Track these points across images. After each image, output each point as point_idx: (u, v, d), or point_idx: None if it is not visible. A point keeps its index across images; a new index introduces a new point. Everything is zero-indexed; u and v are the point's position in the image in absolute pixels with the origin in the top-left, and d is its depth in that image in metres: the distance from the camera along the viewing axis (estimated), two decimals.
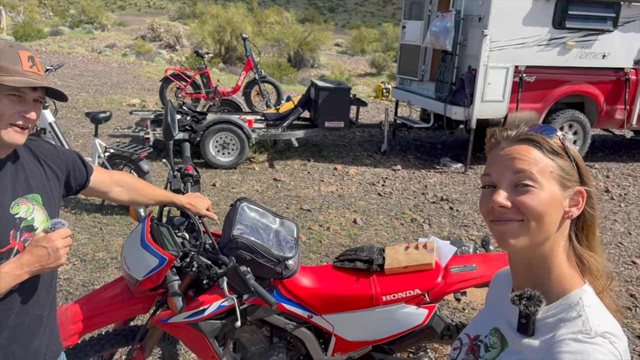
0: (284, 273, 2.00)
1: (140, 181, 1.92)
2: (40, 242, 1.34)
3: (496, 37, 6.39)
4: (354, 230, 4.91)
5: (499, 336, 1.04)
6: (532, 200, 0.95)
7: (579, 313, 0.92)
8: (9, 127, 1.34)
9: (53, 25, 25.86)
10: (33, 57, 1.40)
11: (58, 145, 1.65)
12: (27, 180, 1.46)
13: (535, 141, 0.98)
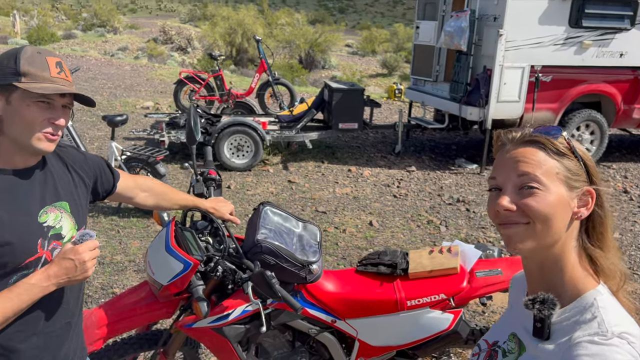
0: (308, 278, 1.98)
1: (165, 186, 1.92)
2: (67, 255, 1.33)
3: (512, 37, 6.33)
4: (370, 233, 4.88)
5: (517, 341, 1.03)
6: (537, 202, 0.94)
7: (594, 314, 0.91)
8: (39, 134, 1.33)
9: (66, 28, 26.11)
10: (61, 63, 1.38)
11: (85, 152, 1.64)
12: (56, 187, 1.46)
13: (539, 143, 0.98)
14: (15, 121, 1.31)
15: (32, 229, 1.36)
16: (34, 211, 1.38)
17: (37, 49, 1.38)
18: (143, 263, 4.06)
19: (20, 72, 1.30)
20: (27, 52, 1.34)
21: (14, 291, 1.27)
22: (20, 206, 1.35)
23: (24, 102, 1.31)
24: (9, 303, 1.25)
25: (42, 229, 1.39)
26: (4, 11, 31.34)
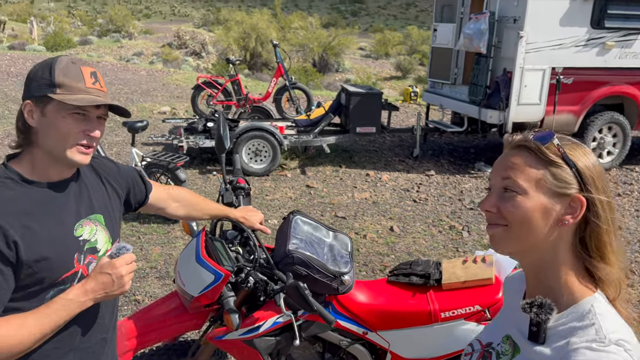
0: (340, 289, 1.94)
1: (196, 195, 1.89)
2: (104, 269, 1.30)
3: (532, 39, 6.25)
4: (391, 238, 4.83)
5: (511, 343, 1.04)
6: (513, 207, 0.97)
7: (592, 321, 0.91)
8: (74, 146, 1.30)
9: (82, 34, 26.40)
10: (96, 73, 1.36)
11: (118, 163, 1.62)
12: (90, 200, 1.43)
13: (529, 148, 0.99)
14: (50, 133, 1.29)
15: (68, 243, 1.34)
16: (70, 225, 1.35)
17: (72, 58, 1.35)
18: (173, 273, 4.05)
19: (55, 83, 1.28)
20: (61, 63, 1.31)
21: (51, 307, 1.25)
22: (56, 220, 1.32)
23: (59, 114, 1.28)
24: (47, 319, 1.23)
25: (78, 243, 1.36)
26: (21, 18, 31.80)
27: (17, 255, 1.23)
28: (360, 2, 65.11)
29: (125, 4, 55.55)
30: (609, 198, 0.98)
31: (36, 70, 1.32)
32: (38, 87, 1.29)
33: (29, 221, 1.26)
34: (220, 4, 58.86)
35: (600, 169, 0.99)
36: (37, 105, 1.29)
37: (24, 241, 1.23)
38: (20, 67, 12.78)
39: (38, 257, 1.26)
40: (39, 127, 1.30)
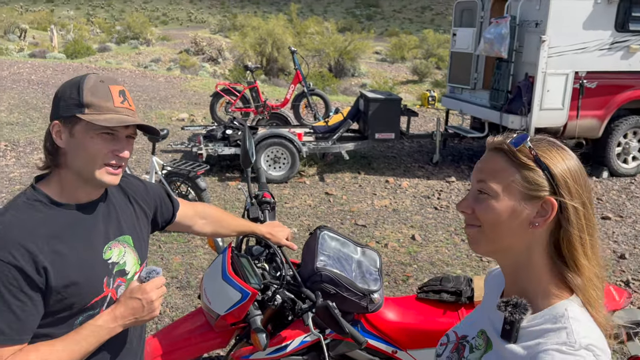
0: (369, 307, 1.89)
1: (222, 212, 1.86)
2: (134, 294, 1.27)
3: (555, 43, 6.14)
4: (413, 247, 4.76)
5: (485, 338, 1.05)
6: (483, 208, 0.99)
7: (564, 324, 0.92)
8: (103, 167, 1.27)
9: (101, 41, 26.74)
10: (124, 92, 1.33)
11: (146, 181, 1.59)
12: (119, 221, 1.40)
13: (504, 151, 1.00)
14: (79, 154, 1.26)
15: (97, 267, 1.31)
16: (99, 248, 1.32)
17: (100, 77, 1.32)
18: (194, 282, 4.02)
19: (83, 103, 1.25)
20: (89, 82, 1.28)
21: (81, 334, 1.22)
22: (85, 243, 1.30)
23: (88, 134, 1.25)
24: (77, 346, 1.20)
25: (107, 267, 1.33)
26: (42, 26, 32.35)
27: (46, 281, 1.20)
28: (376, 6, 65.09)
29: (143, 10, 56.23)
30: (584, 204, 0.97)
31: (64, 90, 1.29)
32: (66, 107, 1.27)
33: (58, 245, 1.24)
34: (236, 9, 59.29)
35: (577, 173, 0.98)
36: (65, 126, 1.27)
37: (53, 267, 1.21)
38: (41, 75, 12.96)
39: (67, 282, 1.23)
40: (67, 148, 1.27)
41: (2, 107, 9.53)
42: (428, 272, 4.32)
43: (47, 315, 1.23)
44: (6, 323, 1.16)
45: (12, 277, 1.16)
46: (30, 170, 6.40)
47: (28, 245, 1.19)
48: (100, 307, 1.31)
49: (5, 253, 1.16)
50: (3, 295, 1.15)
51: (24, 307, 1.18)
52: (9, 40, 24.64)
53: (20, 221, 1.22)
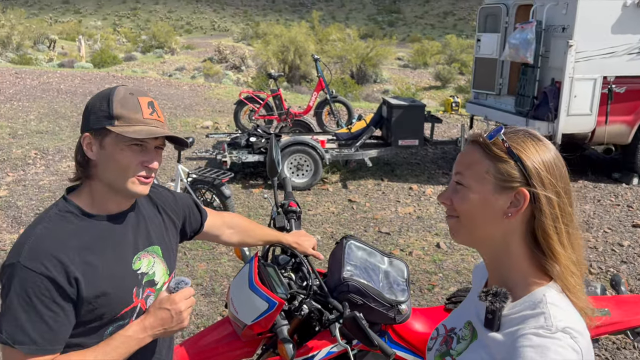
0: (397, 318, 1.86)
1: (249, 221, 1.86)
2: (163, 304, 1.28)
3: (582, 47, 6.04)
4: (438, 256, 4.70)
5: (471, 329, 1.08)
6: (458, 199, 1.03)
7: (542, 310, 0.94)
8: (133, 178, 1.29)
9: (126, 51, 27.26)
10: (153, 103, 1.34)
11: (175, 191, 1.61)
12: (148, 231, 1.42)
13: (479, 143, 1.03)
14: (109, 165, 1.28)
15: (127, 277, 1.32)
16: (128, 258, 1.34)
17: (129, 89, 1.34)
18: (218, 290, 4.04)
19: (113, 115, 1.27)
20: (119, 94, 1.30)
21: (110, 344, 1.23)
22: (115, 254, 1.31)
23: (118, 146, 1.27)
24: (108, 356, 1.21)
25: (136, 277, 1.34)
26: (70, 36, 33.13)
27: (78, 291, 1.22)
28: (397, 12, 65.00)
29: (167, 20, 57.19)
30: (559, 193, 0.98)
31: (94, 102, 1.31)
32: (96, 119, 1.28)
33: (89, 256, 1.25)
34: (259, 17, 59.86)
35: (551, 164, 0.99)
36: (95, 138, 1.29)
37: (84, 277, 1.23)
38: (69, 85, 13.26)
39: (98, 292, 1.24)
40: (98, 160, 1.29)
41: (32, 115, 9.77)
42: (454, 280, 4.27)
43: (78, 326, 1.25)
44: (39, 333, 1.17)
45: (44, 288, 1.18)
46: (59, 178, 6.53)
47: (60, 256, 1.21)
48: (130, 317, 1.33)
49: (37, 264, 1.18)
50: (36, 306, 1.17)
51: (57, 318, 1.20)
52: (39, 51, 25.32)
53: (52, 232, 1.24)
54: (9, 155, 7.36)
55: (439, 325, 1.21)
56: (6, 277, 1.19)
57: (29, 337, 1.16)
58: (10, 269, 1.19)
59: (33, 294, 1.17)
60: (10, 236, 4.93)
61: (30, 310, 1.17)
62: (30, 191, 6.08)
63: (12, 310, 1.16)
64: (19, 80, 13.45)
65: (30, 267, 1.18)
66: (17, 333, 1.16)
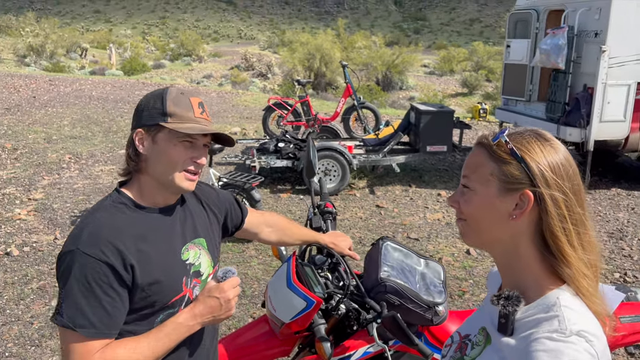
0: (434, 320, 1.86)
1: (287, 220, 1.89)
2: (212, 292, 1.32)
3: (615, 53, 5.94)
4: (468, 262, 4.66)
5: (485, 334, 1.06)
6: (464, 202, 1.03)
7: (556, 313, 0.93)
8: (182, 172, 1.34)
9: (155, 59, 27.79)
10: (202, 104, 1.40)
11: (216, 187, 1.65)
12: (194, 224, 1.46)
13: (484, 145, 1.03)
14: (160, 160, 1.33)
15: (177, 267, 1.37)
16: (178, 249, 1.39)
17: (180, 89, 1.39)
18: (255, 293, 4.09)
19: (167, 112, 1.33)
20: (172, 93, 1.35)
21: (162, 331, 1.28)
22: (166, 244, 1.36)
23: (171, 142, 1.32)
24: (160, 342, 1.26)
25: (185, 267, 1.39)
26: (101, 45, 33.95)
27: (133, 278, 1.26)
28: (423, 20, 64.80)
29: (195, 28, 58.14)
30: (565, 193, 0.96)
31: (147, 101, 1.37)
32: (150, 116, 1.34)
33: (143, 245, 1.30)
34: (284, 26, 60.40)
35: (556, 165, 0.98)
36: (148, 133, 1.34)
37: (139, 265, 1.27)
38: (100, 91, 13.58)
39: (151, 280, 1.29)
40: (149, 154, 1.34)
41: (66, 121, 10.04)
42: (484, 287, 4.22)
43: (131, 312, 1.29)
44: (98, 317, 1.22)
45: (102, 274, 1.23)
46: (93, 182, 6.69)
47: (117, 243, 1.26)
48: (179, 305, 1.37)
49: (96, 250, 1.23)
50: (94, 291, 1.22)
51: (114, 303, 1.24)
52: (71, 59, 26.01)
53: (108, 221, 1.29)
54: (44, 159, 7.58)
55: (454, 332, 1.20)
56: (66, 264, 1.24)
57: (89, 320, 1.21)
58: (69, 256, 1.24)
59: (92, 279, 1.21)
60: (47, 237, 5.07)
61: (89, 295, 1.21)
62: (65, 194, 6.24)
63: (73, 295, 1.21)
64: (53, 87, 13.83)
65: (89, 253, 1.22)
66: (77, 317, 1.20)
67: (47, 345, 3.43)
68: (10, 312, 3.80)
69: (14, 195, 6.18)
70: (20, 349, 3.39)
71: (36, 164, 7.37)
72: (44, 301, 3.95)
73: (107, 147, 8.34)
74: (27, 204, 5.93)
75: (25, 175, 6.91)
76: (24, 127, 9.45)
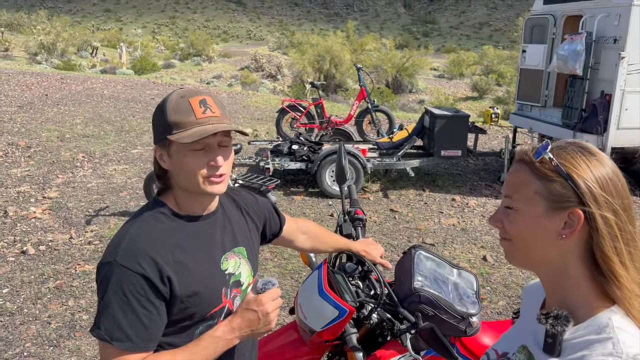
0: (468, 331, 1.83)
1: (320, 227, 1.87)
2: (250, 305, 1.28)
3: (634, 59, 5.89)
4: (485, 269, 4.62)
5: (527, 353, 1.02)
6: (509, 223, 0.99)
7: (609, 335, 0.88)
8: (205, 179, 1.28)
9: (165, 58, 27.86)
10: (205, 100, 1.29)
11: (256, 195, 1.63)
12: (234, 232, 1.43)
13: (524, 162, 0.99)
14: (180, 172, 1.29)
15: (216, 277, 1.34)
16: (217, 258, 1.36)
17: (181, 92, 1.31)
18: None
19: (169, 124, 1.26)
20: (171, 101, 1.28)
21: (199, 345, 1.25)
22: (205, 254, 1.33)
23: (181, 153, 1.27)
24: (197, 356, 1.23)
25: (224, 277, 1.36)
26: (111, 44, 34.10)
27: (170, 290, 1.24)
28: (432, 23, 64.71)
29: (205, 28, 58.32)
30: (616, 212, 0.92)
31: (154, 115, 1.32)
32: (158, 131, 1.30)
33: (181, 256, 1.28)
34: (294, 27, 60.46)
35: (605, 181, 0.93)
36: (163, 149, 1.30)
37: (177, 276, 1.25)
38: (112, 90, 13.63)
39: (190, 292, 1.26)
40: (170, 169, 1.31)
41: (78, 120, 10.07)
42: (502, 294, 4.19)
43: (170, 325, 1.27)
44: (135, 331, 1.20)
45: (139, 287, 1.20)
46: (106, 181, 6.70)
47: (154, 255, 1.23)
48: (218, 317, 1.34)
49: (133, 263, 1.21)
50: (131, 304, 1.20)
51: (151, 316, 1.22)
52: (82, 57, 26.13)
53: (145, 232, 1.26)
54: (57, 158, 7.60)
55: (489, 349, 1.15)
56: (103, 275, 1.22)
57: (125, 334, 1.19)
58: (107, 267, 1.22)
59: (129, 291, 1.19)
60: (62, 236, 5.07)
61: (126, 308, 1.19)
62: (79, 193, 6.25)
63: (110, 307, 1.19)
64: (65, 86, 13.89)
65: (127, 265, 1.20)
66: (114, 330, 1.18)
67: (65, 346, 3.42)
68: (27, 312, 3.80)
69: (29, 193, 6.20)
70: (39, 348, 3.39)
71: (50, 162, 7.39)
72: (61, 301, 3.94)
73: (119, 147, 8.35)
74: (42, 202, 5.94)
75: (40, 173, 6.93)
76: (37, 125, 9.49)
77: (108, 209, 5.79)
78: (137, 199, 6.08)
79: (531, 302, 1.13)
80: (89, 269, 4.45)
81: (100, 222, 5.42)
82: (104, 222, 5.44)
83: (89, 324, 3.66)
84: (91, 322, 3.67)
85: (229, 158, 1.33)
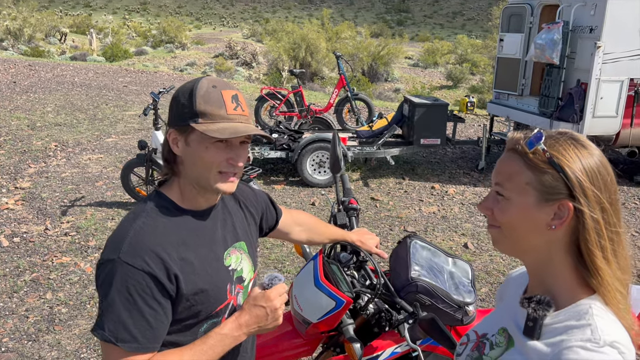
0: (464, 319, 1.84)
1: (315, 219, 1.83)
2: (258, 301, 1.24)
3: (610, 49, 5.99)
4: (466, 256, 4.67)
5: (506, 336, 1.04)
6: (499, 210, 1.00)
7: (589, 321, 0.91)
8: (219, 175, 1.24)
9: (137, 45, 27.24)
10: (237, 96, 1.26)
11: (253, 187, 1.58)
12: (234, 227, 1.39)
13: (517, 152, 0.99)
14: (195, 163, 1.23)
15: (221, 274, 1.29)
16: (220, 254, 1.31)
17: (213, 81, 1.26)
18: None
19: (196, 112, 1.21)
20: (202, 88, 1.23)
21: (207, 343, 1.20)
22: (209, 249, 1.28)
23: (202, 144, 1.21)
24: (204, 355, 1.19)
25: (228, 273, 1.32)
26: (80, 30, 33.17)
27: (177, 288, 1.19)
28: (406, 11, 64.85)
29: (177, 15, 57.22)
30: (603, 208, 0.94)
31: (178, 97, 1.25)
32: (180, 116, 1.23)
33: (186, 252, 1.23)
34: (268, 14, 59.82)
35: (594, 174, 0.95)
36: (180, 134, 1.24)
37: (183, 274, 1.20)
38: (83, 77, 13.26)
39: (196, 289, 1.22)
40: (183, 156, 1.25)
41: (49, 108, 9.77)
42: (484, 281, 4.24)
43: (175, 323, 1.22)
44: (140, 331, 1.15)
45: (145, 285, 1.15)
46: (81, 171, 6.52)
47: (159, 252, 1.18)
48: (223, 314, 1.30)
49: (139, 260, 1.15)
50: (137, 303, 1.14)
51: (157, 315, 1.17)
52: (50, 44, 25.35)
53: (150, 228, 1.21)
54: (29, 147, 7.36)
55: (469, 331, 1.18)
56: (106, 273, 1.16)
57: (131, 334, 1.14)
58: (110, 265, 1.15)
59: (134, 290, 1.14)
60: (37, 227, 4.92)
61: (131, 308, 1.14)
62: (53, 183, 6.07)
63: (114, 307, 1.13)
64: (33, 73, 13.46)
65: (132, 263, 1.14)
66: (119, 331, 1.13)
67: (44, 340, 3.33)
68: (3, 305, 3.68)
69: (0, 183, 6.00)
70: (17, 343, 3.29)
71: (21, 152, 7.16)
72: (38, 294, 3.83)
73: (93, 135, 8.14)
74: (14, 192, 5.75)
75: (10, 163, 6.71)
76: (6, 113, 9.17)
77: (84, 199, 5.65)
78: (114, 189, 5.94)
79: (514, 287, 1.15)
80: (67, 260, 4.33)
81: (77, 213, 5.28)
82: (80, 212, 5.30)
83: (69, 317, 3.57)
84: (71, 316, 3.58)
85: (245, 157, 1.29)
